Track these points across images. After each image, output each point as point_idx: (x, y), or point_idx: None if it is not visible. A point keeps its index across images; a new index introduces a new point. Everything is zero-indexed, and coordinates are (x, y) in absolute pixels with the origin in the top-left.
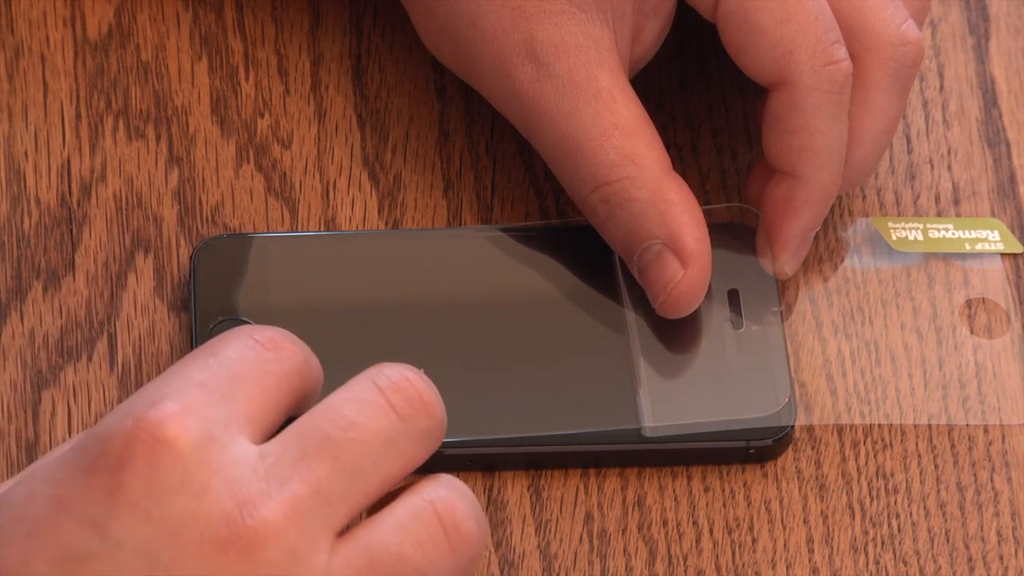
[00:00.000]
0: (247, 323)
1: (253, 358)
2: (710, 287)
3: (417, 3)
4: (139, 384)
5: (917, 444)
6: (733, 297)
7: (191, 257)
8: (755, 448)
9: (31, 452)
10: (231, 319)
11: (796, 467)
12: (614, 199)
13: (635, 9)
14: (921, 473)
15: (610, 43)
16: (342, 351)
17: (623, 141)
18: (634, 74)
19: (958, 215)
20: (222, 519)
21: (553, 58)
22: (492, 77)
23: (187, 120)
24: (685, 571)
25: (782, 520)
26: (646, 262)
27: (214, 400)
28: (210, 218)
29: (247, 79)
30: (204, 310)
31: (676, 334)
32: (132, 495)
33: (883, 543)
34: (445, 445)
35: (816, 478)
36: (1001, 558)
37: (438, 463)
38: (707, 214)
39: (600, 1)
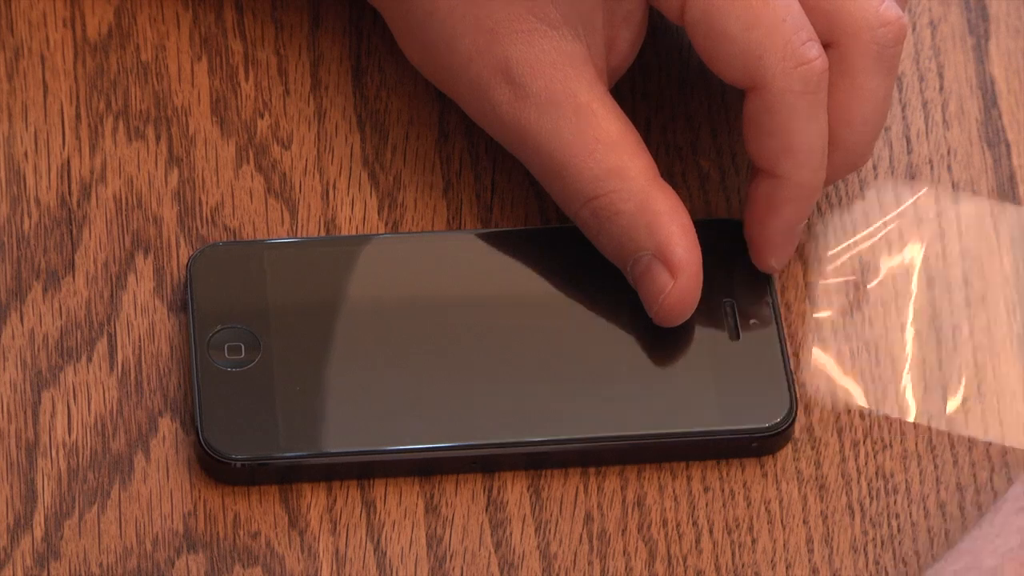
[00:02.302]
0: (246, 331)
1: None
2: (709, 292)
3: (397, 23)
4: (139, 384)
5: (917, 444)
6: (732, 300)
7: (187, 266)
8: (757, 442)
9: (31, 452)
10: (230, 327)
11: (796, 467)
12: (602, 213)
13: (606, 20)
14: (921, 473)
15: (584, 57)
16: (342, 357)
17: (606, 155)
18: (613, 83)
19: (957, 215)
20: None
21: (529, 78)
22: (472, 99)
23: (187, 121)
24: (685, 571)
25: (782, 520)
26: (637, 273)
27: None
28: (210, 219)
29: (247, 80)
30: (202, 319)
31: (676, 337)
32: None
33: (883, 543)
34: (446, 448)
35: (816, 478)
36: None
37: (440, 464)
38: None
39: (570, 16)
